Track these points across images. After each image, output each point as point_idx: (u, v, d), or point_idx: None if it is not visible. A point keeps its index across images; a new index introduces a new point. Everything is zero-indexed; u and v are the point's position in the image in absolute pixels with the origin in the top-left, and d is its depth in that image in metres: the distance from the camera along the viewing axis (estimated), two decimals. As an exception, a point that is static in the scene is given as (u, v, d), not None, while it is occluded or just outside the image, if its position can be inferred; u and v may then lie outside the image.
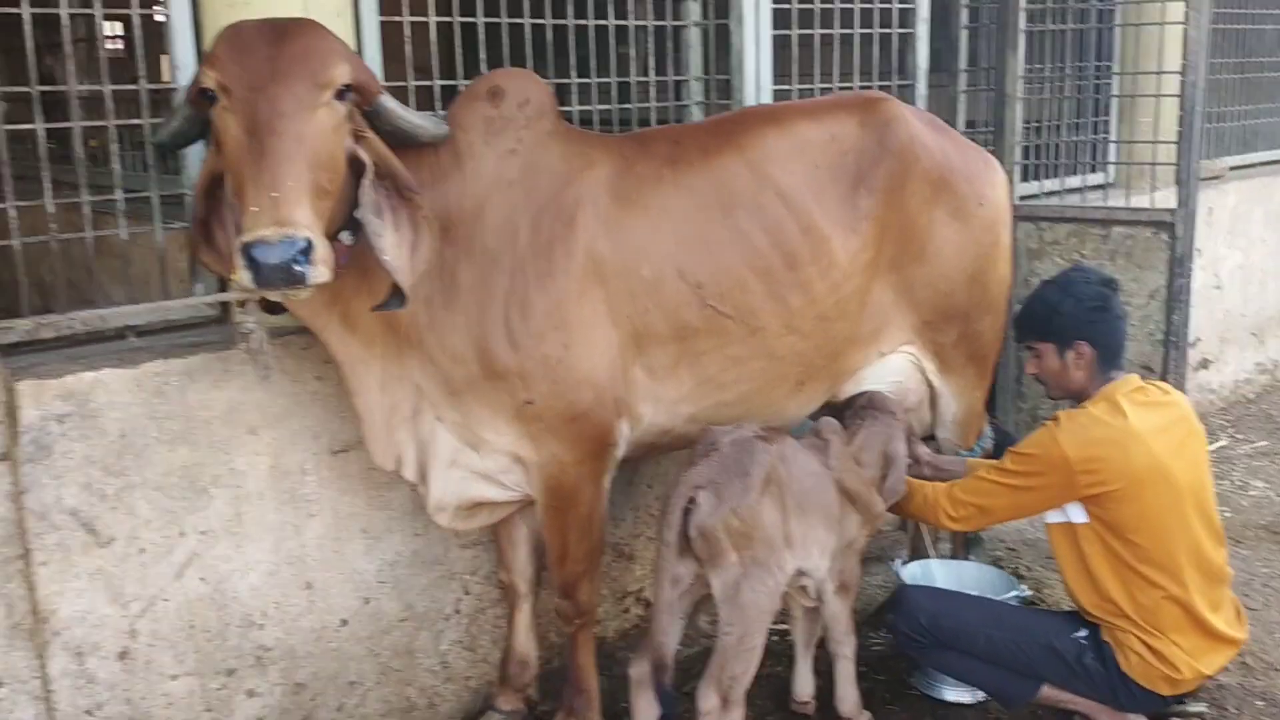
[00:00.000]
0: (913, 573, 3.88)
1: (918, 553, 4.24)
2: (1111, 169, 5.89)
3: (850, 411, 3.49)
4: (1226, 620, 3.27)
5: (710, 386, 3.29)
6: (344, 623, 3.40)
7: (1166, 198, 4.97)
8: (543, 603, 3.75)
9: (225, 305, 3.22)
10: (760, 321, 3.26)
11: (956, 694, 3.69)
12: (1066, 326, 3.29)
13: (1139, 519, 3.10)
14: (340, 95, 2.58)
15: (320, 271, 2.40)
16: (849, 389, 3.63)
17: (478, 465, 3.16)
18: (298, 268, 2.35)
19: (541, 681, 3.75)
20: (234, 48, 2.56)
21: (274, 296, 2.70)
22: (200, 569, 3.11)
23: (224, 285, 3.27)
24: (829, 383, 3.53)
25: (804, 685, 3.64)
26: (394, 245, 2.69)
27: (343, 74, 2.58)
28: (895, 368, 3.66)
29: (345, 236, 2.75)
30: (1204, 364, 6.64)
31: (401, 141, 2.83)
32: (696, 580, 3.10)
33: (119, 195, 3.09)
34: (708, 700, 3.00)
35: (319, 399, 3.27)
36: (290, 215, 2.37)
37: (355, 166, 2.68)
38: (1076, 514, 3.19)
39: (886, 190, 3.42)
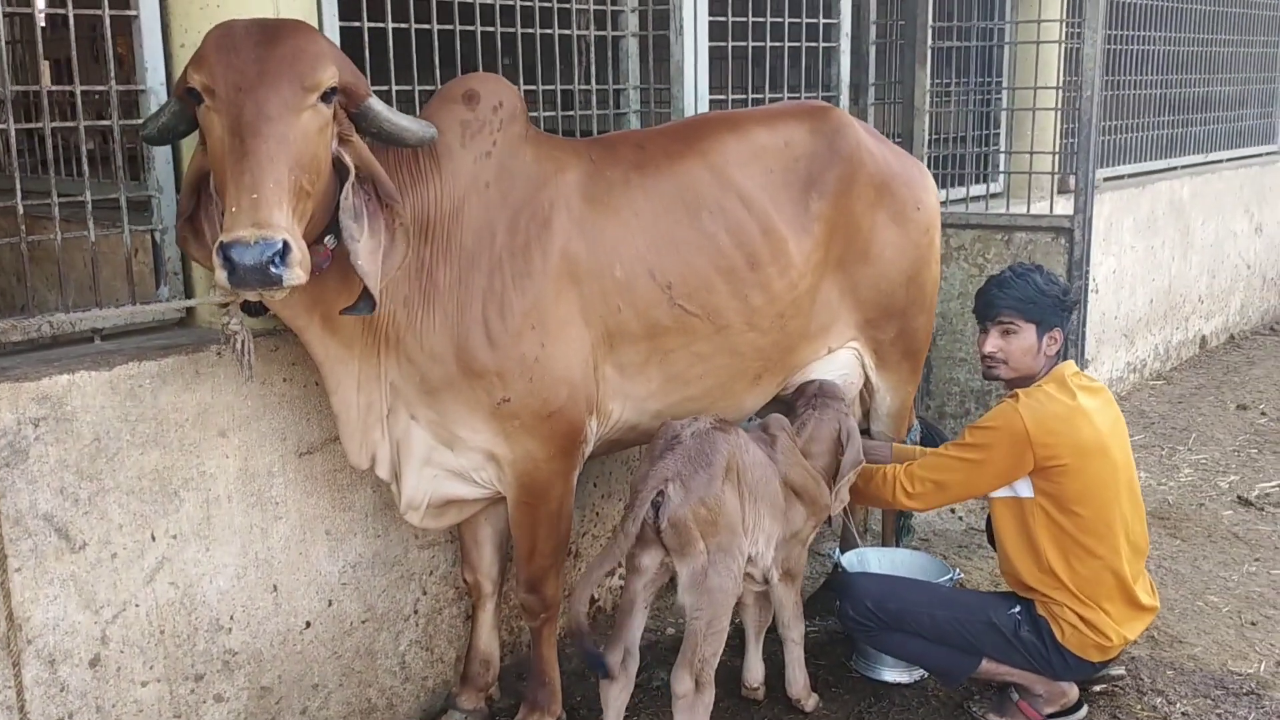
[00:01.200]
0: (849, 561, 4.06)
1: (848, 543, 4.42)
2: (1002, 178, 6.22)
3: (802, 400, 3.66)
4: (1145, 590, 3.53)
5: (677, 383, 3.41)
6: (308, 625, 3.40)
7: (1057, 205, 5.30)
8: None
9: (190, 309, 3.21)
10: (725, 320, 3.40)
11: (895, 674, 3.88)
12: (1052, 312, 3.49)
13: (1084, 492, 3.33)
14: (326, 98, 2.61)
15: (296, 274, 2.43)
16: (798, 382, 3.79)
17: (451, 463, 3.21)
18: (274, 269, 2.38)
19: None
20: (221, 48, 2.56)
21: (251, 297, 2.70)
22: (170, 573, 3.08)
23: (189, 289, 3.25)
24: (782, 376, 3.69)
25: (754, 672, 3.78)
26: (368, 251, 2.73)
27: (330, 77, 2.60)
28: (842, 362, 3.85)
29: (329, 240, 2.77)
30: (1085, 364, 7.03)
31: (387, 143, 2.87)
32: (661, 570, 3.20)
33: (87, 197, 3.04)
34: (683, 684, 3.11)
35: (286, 401, 3.27)
36: (269, 217, 2.40)
37: (340, 169, 2.71)
38: (1023, 488, 3.40)
39: (835, 194, 3.59)
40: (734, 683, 3.82)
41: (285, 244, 2.39)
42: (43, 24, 3.47)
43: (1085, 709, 3.61)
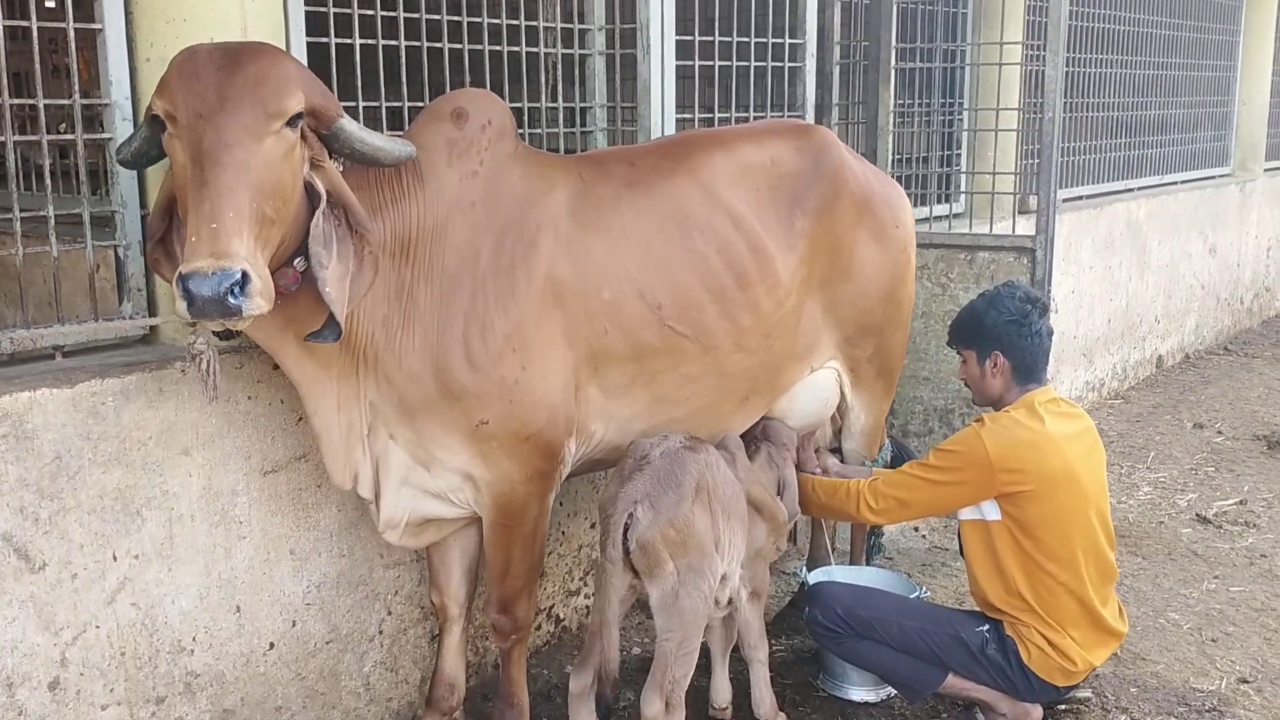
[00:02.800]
0: (818, 578, 4.06)
1: (817, 562, 4.42)
2: (963, 199, 6.29)
3: (748, 437, 3.68)
4: (1113, 615, 3.55)
5: (664, 404, 3.39)
6: (271, 646, 3.35)
7: (1019, 225, 5.35)
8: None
9: (154, 326, 3.17)
10: (714, 340, 3.39)
11: (862, 694, 3.88)
12: (986, 336, 3.53)
13: (1048, 518, 3.35)
14: (292, 123, 2.57)
15: (256, 304, 2.41)
16: (784, 404, 3.79)
17: (429, 484, 3.17)
18: (232, 300, 2.35)
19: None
20: (183, 75, 2.53)
21: (212, 326, 2.64)
22: (132, 594, 3.03)
23: (153, 306, 3.21)
24: (770, 397, 3.69)
25: (722, 693, 3.76)
26: (335, 277, 2.70)
27: (295, 103, 2.57)
28: (823, 382, 3.86)
29: (298, 262, 2.74)
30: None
31: (363, 164, 2.84)
32: (630, 592, 3.18)
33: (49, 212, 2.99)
34: (652, 706, 3.08)
35: (251, 419, 3.23)
36: (227, 247, 2.37)
37: (313, 194, 2.69)
38: (991, 511, 3.42)
39: (820, 212, 3.61)
40: (702, 704, 3.80)
41: (244, 274, 2.36)
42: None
43: (1049, 728, 3.64)
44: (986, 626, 3.50)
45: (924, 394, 5.35)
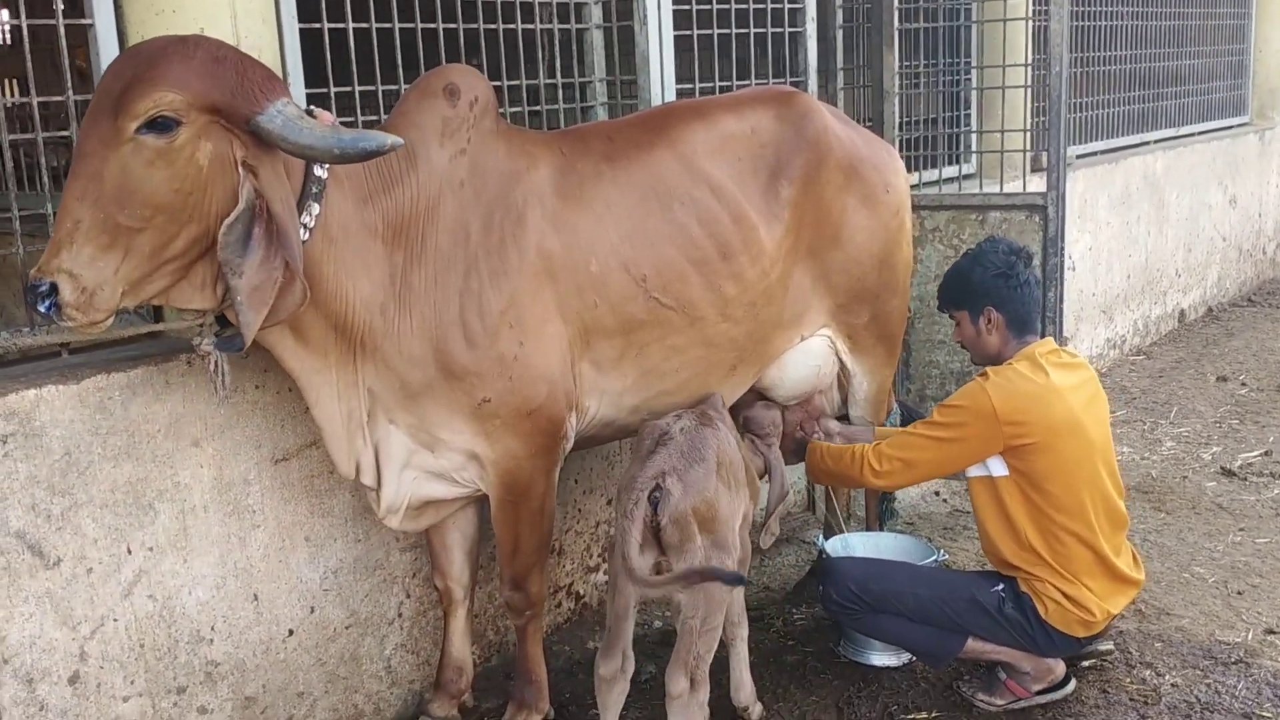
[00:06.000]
0: (834, 546, 4.05)
1: (832, 530, 4.41)
2: (974, 159, 6.23)
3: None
4: (1127, 563, 3.53)
5: (652, 376, 3.39)
6: (291, 633, 3.37)
7: (1032, 183, 5.29)
8: (479, 604, 3.80)
9: (160, 315, 3.18)
10: (699, 311, 3.37)
11: (884, 658, 3.86)
12: (976, 294, 3.51)
13: (1055, 469, 3.33)
14: (160, 128, 2.47)
15: (69, 314, 2.46)
16: (774, 372, 3.77)
17: (432, 465, 3.18)
18: (40, 307, 2.44)
19: (482, 679, 3.80)
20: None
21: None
22: (148, 586, 3.05)
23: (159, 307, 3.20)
24: (758, 366, 3.67)
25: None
26: (251, 288, 2.58)
27: (153, 105, 2.45)
28: (815, 350, 3.82)
29: None
30: (1063, 342, 7.03)
31: (303, 159, 2.71)
32: (654, 571, 3.10)
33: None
34: (678, 684, 3.04)
35: (259, 408, 3.24)
36: (50, 260, 2.45)
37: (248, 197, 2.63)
38: (997, 467, 3.40)
39: (804, 179, 3.58)
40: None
41: (52, 286, 2.43)
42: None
43: (1073, 684, 3.61)
44: (1001, 586, 3.48)
45: (939, 358, 5.32)
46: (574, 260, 3.18)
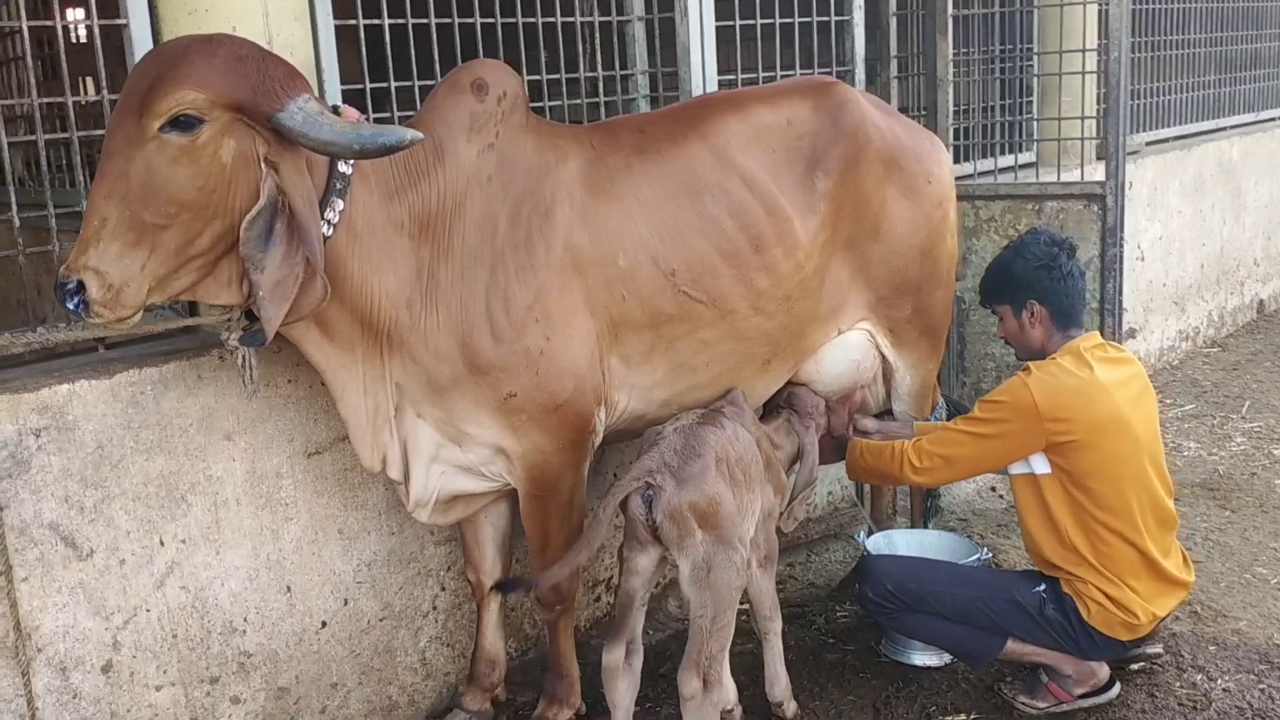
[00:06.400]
0: (876, 544, 3.99)
1: (880, 525, 4.34)
2: (1037, 147, 6.08)
3: (772, 404, 3.61)
4: (1176, 565, 3.41)
5: (683, 371, 3.35)
6: (324, 624, 3.41)
7: (1095, 171, 5.15)
8: (512, 599, 3.80)
9: (194, 310, 3.22)
10: (730, 305, 3.33)
11: (925, 658, 3.79)
12: (1018, 287, 3.43)
13: (1100, 467, 3.23)
14: (184, 126, 2.50)
15: (97, 311, 2.51)
16: (810, 367, 3.71)
17: (459, 459, 3.19)
18: (69, 304, 2.49)
19: (518, 672, 3.81)
20: None
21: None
22: (181, 578, 3.10)
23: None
24: (793, 360, 3.61)
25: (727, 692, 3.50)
26: (273, 284, 2.62)
27: (177, 104, 2.48)
28: (853, 344, 3.76)
29: None
30: (1130, 333, 6.86)
31: (324, 154, 2.72)
32: (658, 568, 3.10)
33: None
34: (689, 685, 3.00)
35: (292, 402, 3.27)
36: (77, 258, 2.49)
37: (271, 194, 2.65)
38: (1040, 465, 3.31)
39: (841, 171, 3.51)
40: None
41: (79, 284, 2.48)
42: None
43: (1117, 688, 3.51)
44: (1043, 586, 3.40)
45: (995, 350, 5.20)
46: (602, 254, 3.16)
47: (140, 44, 3.08)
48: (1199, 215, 7.42)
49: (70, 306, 2.50)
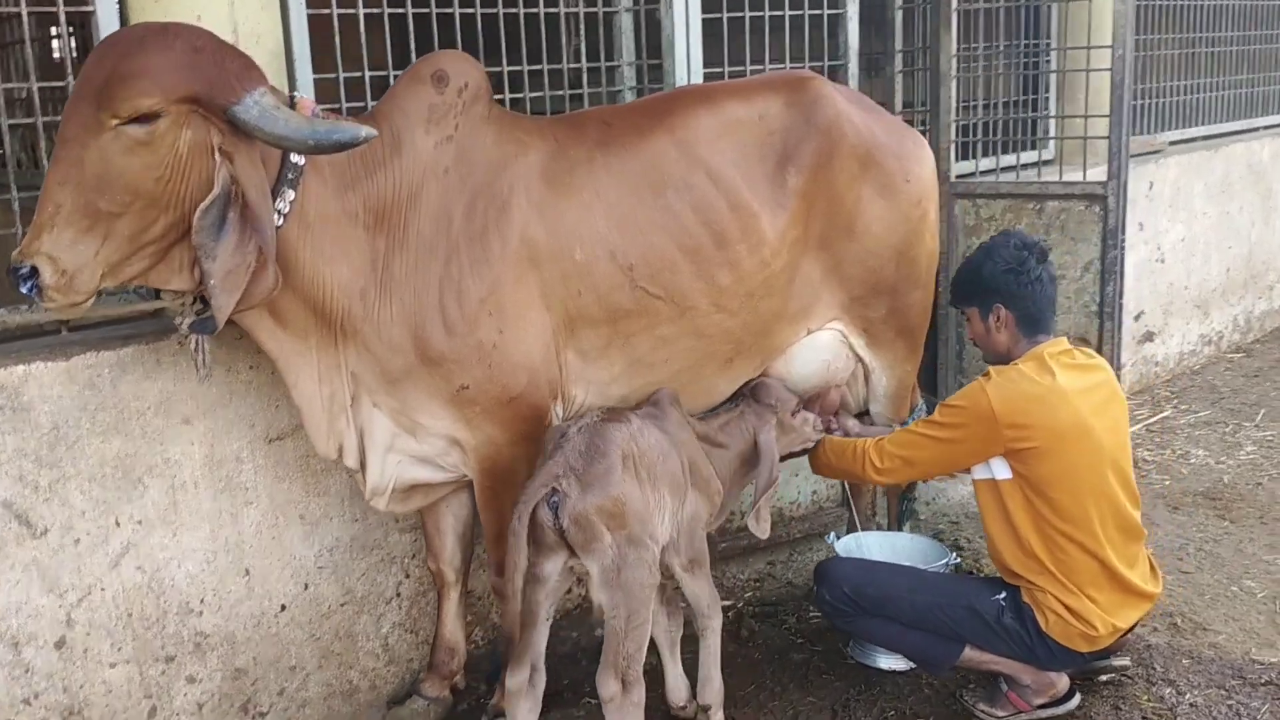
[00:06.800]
0: (847, 545, 3.96)
1: (855, 527, 4.31)
2: (1052, 145, 5.98)
3: (735, 395, 3.57)
4: (1142, 576, 3.36)
5: (641, 367, 3.35)
6: (283, 608, 3.45)
7: (1102, 172, 5.05)
8: (481, 586, 3.83)
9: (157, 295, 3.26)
10: (690, 301, 3.31)
11: (890, 662, 3.76)
12: (984, 290, 3.38)
13: (1059, 475, 3.18)
14: (143, 120, 2.53)
15: (50, 296, 2.54)
16: (780, 366, 3.68)
17: (415, 449, 3.20)
18: (23, 288, 2.53)
19: (486, 660, 3.82)
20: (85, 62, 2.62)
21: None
22: (136, 558, 3.15)
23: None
24: (759, 359, 3.58)
25: (679, 690, 3.53)
26: (225, 272, 2.65)
27: (139, 99, 2.51)
28: (824, 344, 3.72)
29: None
30: (1148, 336, 6.75)
31: (280, 148, 2.75)
32: (563, 576, 3.05)
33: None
34: (608, 687, 2.96)
35: (253, 388, 3.30)
36: (31, 243, 2.52)
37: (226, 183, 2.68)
38: (1001, 470, 3.27)
39: (814, 168, 3.47)
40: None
41: (33, 269, 2.50)
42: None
43: (1077, 699, 3.46)
44: (1003, 595, 3.36)
45: (993, 351, 5.13)
46: (558, 248, 3.15)
47: (108, 30, 3.11)
48: (1226, 217, 7.26)
49: (24, 290, 2.54)
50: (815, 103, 3.53)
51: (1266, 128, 7.75)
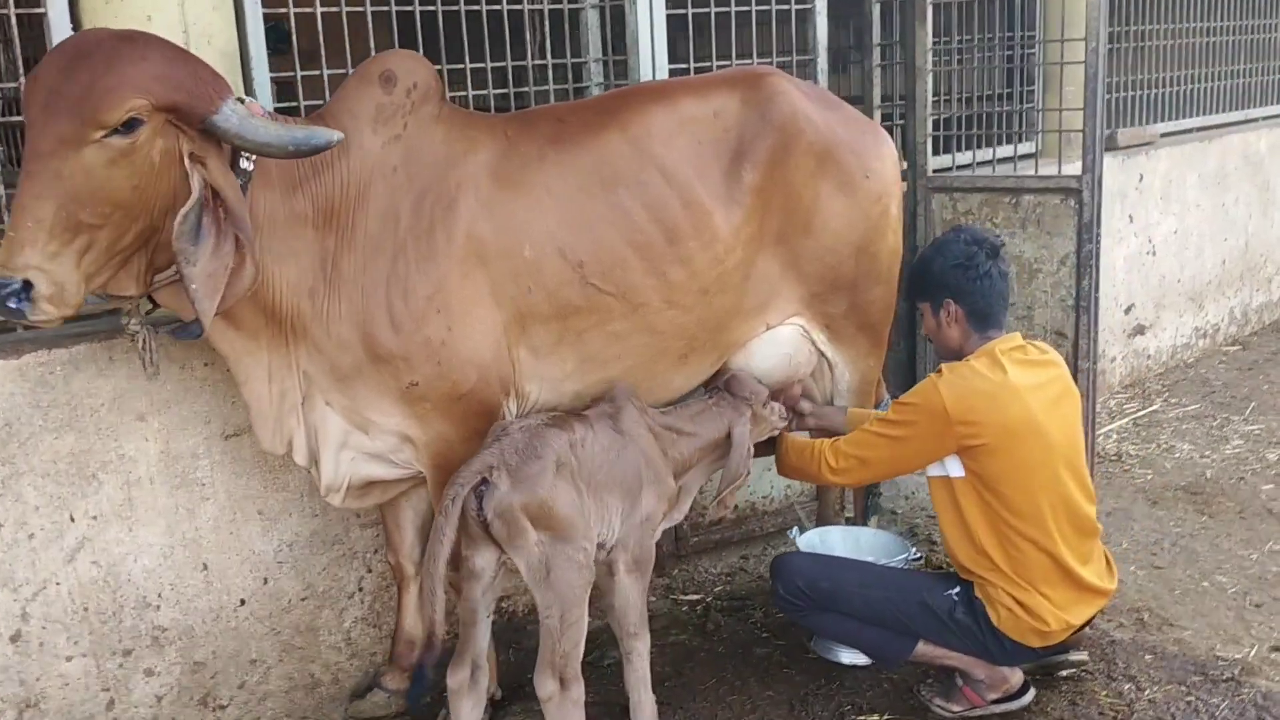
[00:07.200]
0: (810, 540, 3.96)
1: (826, 521, 4.32)
2: (1039, 138, 5.95)
3: (709, 386, 3.58)
4: (1096, 572, 3.35)
5: (594, 364, 3.36)
6: (243, 602, 3.48)
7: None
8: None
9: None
10: (641, 298, 3.32)
11: (852, 657, 3.76)
12: (935, 285, 3.38)
13: (1010, 471, 3.18)
14: (126, 129, 2.56)
15: (43, 309, 2.53)
16: (740, 360, 3.69)
17: (367, 446, 3.23)
18: (13, 304, 2.49)
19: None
20: (35, 73, 2.60)
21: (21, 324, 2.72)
22: (92, 553, 3.19)
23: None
24: (715, 355, 3.59)
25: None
26: (205, 274, 2.68)
27: (124, 110, 2.54)
28: (784, 339, 3.71)
29: None
30: (1139, 330, 6.71)
31: (258, 154, 2.81)
32: (500, 570, 3.05)
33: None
34: (545, 687, 2.97)
35: (209, 385, 3.34)
36: (13, 258, 2.50)
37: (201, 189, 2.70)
38: (954, 468, 3.26)
39: (769, 164, 3.48)
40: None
41: (25, 283, 2.49)
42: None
43: (1031, 693, 3.46)
44: (956, 590, 3.36)
45: (971, 345, 5.11)
46: (507, 245, 3.17)
47: (59, 33, 3.13)
48: (1221, 209, 7.21)
49: (13, 306, 2.50)
50: (771, 99, 3.53)
51: (1265, 118, 7.68)
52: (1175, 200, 6.80)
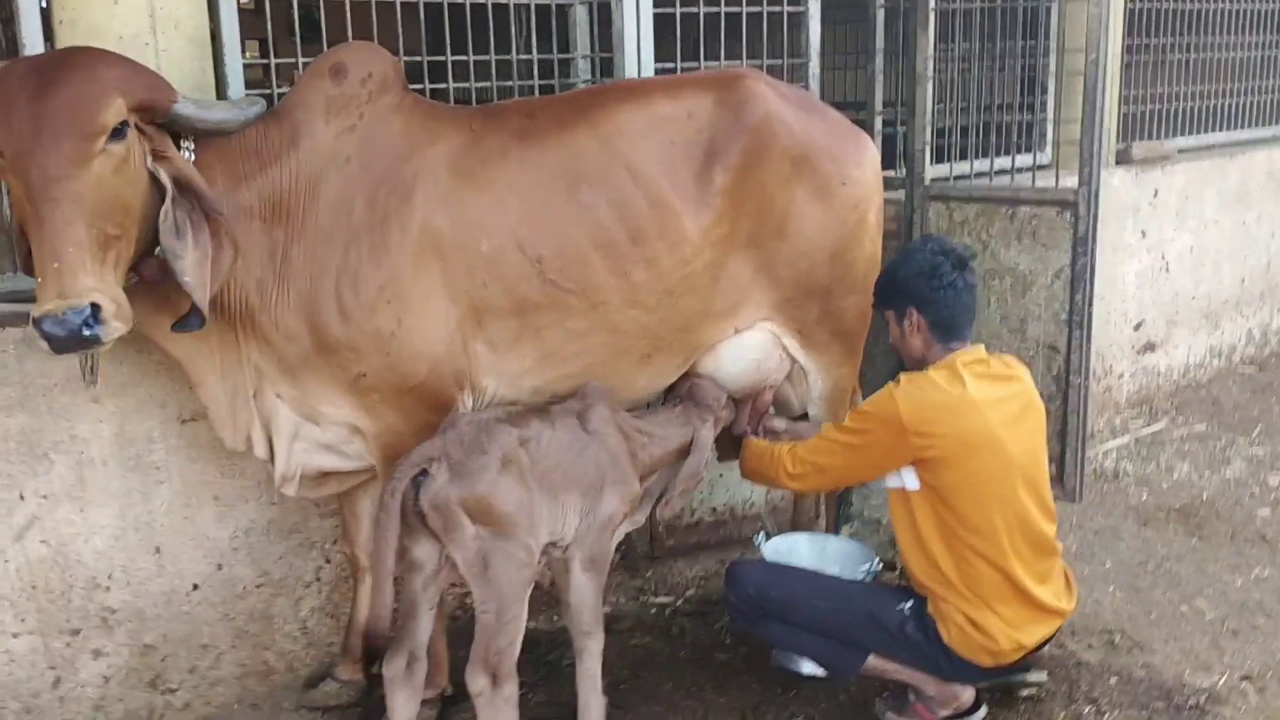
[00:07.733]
0: (775, 547, 3.90)
1: (799, 527, 4.27)
2: (1049, 149, 5.85)
3: (671, 393, 3.54)
4: (1054, 592, 3.28)
5: (553, 360, 3.33)
6: (196, 587, 3.49)
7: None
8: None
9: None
10: (602, 296, 3.29)
11: (813, 668, 3.67)
12: (899, 293, 3.32)
13: (964, 485, 3.12)
14: (118, 134, 2.61)
15: (113, 327, 2.55)
16: (708, 363, 3.65)
17: (319, 437, 3.23)
18: (87, 332, 2.50)
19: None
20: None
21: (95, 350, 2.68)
22: (41, 531, 3.21)
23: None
24: (681, 356, 3.55)
25: None
26: (193, 265, 2.75)
27: (115, 113, 2.60)
28: (754, 343, 3.66)
29: (158, 250, 2.80)
30: (1149, 346, 6.59)
31: (215, 136, 2.88)
32: (442, 562, 3.01)
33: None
34: (476, 682, 2.95)
35: (165, 369, 3.34)
36: (72, 285, 2.50)
37: (161, 185, 2.76)
38: (910, 480, 3.20)
39: (742, 167, 3.43)
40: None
41: (94, 306, 2.50)
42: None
43: (983, 711, 3.39)
44: (909, 604, 3.30)
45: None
46: (463, 238, 3.15)
47: (29, 15, 3.13)
48: (1241, 227, 7.06)
49: (88, 334, 2.50)
50: (745, 102, 3.49)
51: (1291, 136, 7.53)
52: (1192, 216, 6.67)
